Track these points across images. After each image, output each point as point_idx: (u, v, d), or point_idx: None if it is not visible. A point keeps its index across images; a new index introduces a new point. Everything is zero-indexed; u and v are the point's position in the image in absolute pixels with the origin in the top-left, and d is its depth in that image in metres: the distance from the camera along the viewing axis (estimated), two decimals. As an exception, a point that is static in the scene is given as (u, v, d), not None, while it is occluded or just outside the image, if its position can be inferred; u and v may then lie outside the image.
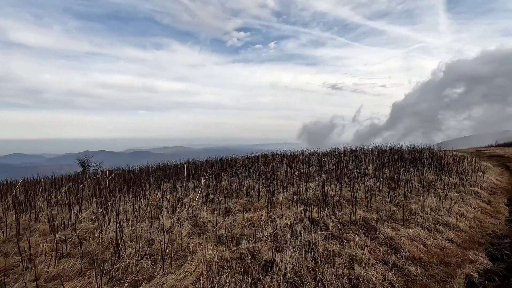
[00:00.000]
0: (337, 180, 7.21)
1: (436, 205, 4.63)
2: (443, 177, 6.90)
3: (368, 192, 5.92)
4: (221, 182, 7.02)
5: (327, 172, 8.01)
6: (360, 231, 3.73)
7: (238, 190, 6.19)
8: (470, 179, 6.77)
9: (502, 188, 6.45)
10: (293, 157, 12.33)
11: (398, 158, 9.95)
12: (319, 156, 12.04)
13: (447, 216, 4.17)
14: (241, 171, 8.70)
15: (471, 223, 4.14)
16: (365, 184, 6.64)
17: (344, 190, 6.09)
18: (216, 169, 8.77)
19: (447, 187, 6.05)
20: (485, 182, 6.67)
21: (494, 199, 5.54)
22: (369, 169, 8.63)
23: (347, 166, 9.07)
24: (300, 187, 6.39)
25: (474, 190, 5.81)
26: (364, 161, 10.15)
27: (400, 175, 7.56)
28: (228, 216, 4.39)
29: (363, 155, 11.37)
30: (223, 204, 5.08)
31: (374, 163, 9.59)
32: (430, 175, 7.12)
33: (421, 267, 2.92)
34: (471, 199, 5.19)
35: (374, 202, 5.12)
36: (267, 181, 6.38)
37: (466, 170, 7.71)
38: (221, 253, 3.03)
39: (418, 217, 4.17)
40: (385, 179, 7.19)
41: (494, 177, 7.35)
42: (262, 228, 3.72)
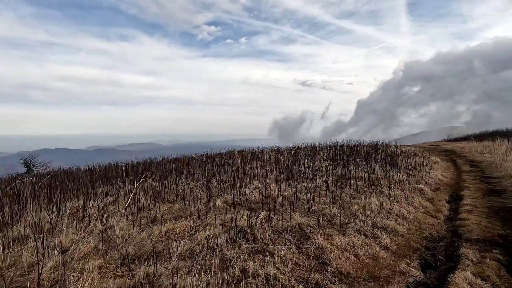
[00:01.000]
0: (287, 179, 6.85)
1: (378, 206, 4.39)
2: (392, 174, 6.82)
3: (315, 192, 5.61)
4: (166, 185, 6.33)
5: (280, 170, 7.63)
6: (292, 241, 3.32)
7: (181, 193, 5.57)
8: (417, 175, 6.76)
9: (446, 184, 6.49)
10: (253, 154, 11.90)
11: (354, 155, 9.90)
12: (278, 153, 11.73)
13: (386, 219, 3.91)
14: (194, 171, 8.06)
15: (410, 225, 3.92)
16: (314, 183, 6.35)
17: (291, 190, 5.73)
18: (166, 169, 8.04)
19: (393, 184, 5.93)
20: (430, 178, 6.69)
21: (437, 196, 5.49)
22: (324, 166, 8.42)
23: (303, 163, 8.79)
24: (247, 188, 5.93)
25: (419, 187, 5.73)
26: (322, 157, 9.98)
27: (351, 172, 7.40)
28: (151, 226, 3.78)
29: (321, 152, 11.23)
30: (153, 211, 4.45)
31: (330, 159, 9.44)
32: (380, 172, 7.03)
33: (347, 285, 2.55)
34: (414, 198, 5.05)
35: (318, 203, 4.79)
36: (207, 183, 5.81)
37: (414, 166, 7.76)
38: (109, 281, 2.43)
39: (357, 220, 3.87)
40: (336, 176, 6.97)
41: (440, 173, 7.45)
42: (178, 243, 3.16)
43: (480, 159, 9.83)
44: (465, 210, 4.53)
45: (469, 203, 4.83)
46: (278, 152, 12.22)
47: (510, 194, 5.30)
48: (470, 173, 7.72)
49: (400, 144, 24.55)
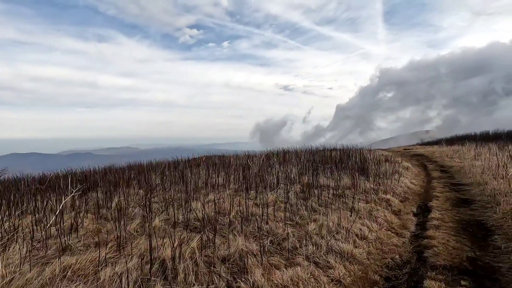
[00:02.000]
0: (249, 189, 6.20)
1: (337, 224, 3.82)
2: (360, 183, 6.35)
3: (274, 205, 5.00)
4: (111, 198, 5.48)
5: (244, 179, 6.97)
6: (224, 277, 2.65)
7: (114, 210, 4.76)
8: (386, 184, 6.33)
9: (415, 193, 6.09)
10: (224, 160, 11.21)
11: (325, 161, 9.44)
12: (248, 159, 11.10)
13: (344, 241, 3.34)
14: (150, 181, 7.26)
15: (371, 247, 3.37)
16: (276, 194, 5.74)
17: (247, 203, 5.08)
18: (116, 179, 7.15)
19: (360, 195, 5.43)
20: (400, 186, 6.27)
21: (405, 207, 5.04)
22: (292, 173, 7.86)
23: (271, 171, 8.19)
24: (198, 202, 5.23)
25: (386, 198, 5.26)
26: (292, 164, 9.44)
27: (319, 181, 6.88)
28: (55, 258, 2.98)
29: (294, 157, 10.71)
30: (70, 235, 3.64)
31: (300, 166, 8.92)
32: (348, 180, 6.54)
33: None
34: (380, 211, 4.55)
35: (273, 220, 4.16)
36: (145, 197, 5.03)
37: (384, 173, 7.37)
38: None
39: (310, 244, 3.27)
40: (302, 186, 6.41)
41: (410, 180, 7.09)
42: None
43: (450, 164, 9.68)
44: (433, 225, 4.07)
45: (437, 217, 4.39)
46: (249, 157, 11.60)
47: (479, 204, 4.93)
48: (440, 179, 7.42)
49: (375, 148, 24.70)
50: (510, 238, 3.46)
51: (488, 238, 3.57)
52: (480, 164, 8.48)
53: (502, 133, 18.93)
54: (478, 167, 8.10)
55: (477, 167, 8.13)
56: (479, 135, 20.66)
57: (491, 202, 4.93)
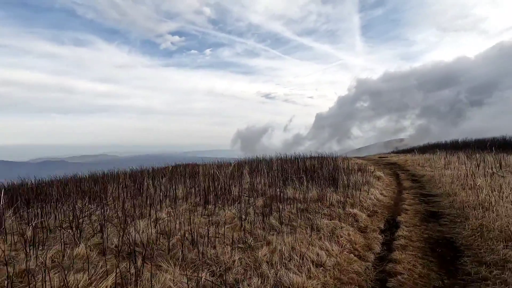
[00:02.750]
0: (206, 203, 5.61)
1: (293, 247, 3.32)
2: (328, 195, 5.94)
3: (231, 223, 4.45)
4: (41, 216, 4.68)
5: (206, 192, 6.36)
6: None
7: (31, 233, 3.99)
8: (355, 196, 5.95)
9: (384, 206, 5.75)
10: (194, 170, 10.54)
11: (297, 170, 9.03)
12: (218, 168, 10.50)
13: (295, 271, 2.83)
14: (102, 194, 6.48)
15: (327, 277, 2.88)
16: (237, 209, 5.20)
17: (201, 221, 4.50)
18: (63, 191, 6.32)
19: (326, 209, 5.00)
20: (369, 198, 5.92)
21: (372, 223, 4.64)
22: (260, 185, 7.36)
23: (238, 182, 7.65)
24: (149, 218, 4.58)
25: (353, 213, 4.85)
26: (263, 174, 8.95)
27: (287, 193, 6.41)
28: None
29: (265, 166, 10.24)
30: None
31: (271, 176, 8.44)
32: (316, 192, 6.12)
33: None
34: (344, 229, 4.11)
35: (222, 243, 3.60)
36: (73, 217, 4.28)
37: (355, 184, 7.02)
38: None
39: (255, 276, 2.73)
40: (267, 199, 5.90)
41: (380, 191, 6.78)
42: None
43: (421, 173, 9.57)
44: (400, 245, 3.66)
45: (405, 234, 4.00)
46: (220, 166, 11.00)
47: (448, 219, 4.63)
48: (410, 190, 7.18)
49: (352, 156, 24.82)
50: (480, 261, 3.10)
51: (457, 261, 3.20)
52: (450, 173, 8.39)
53: (470, 141, 19.54)
54: (448, 176, 7.98)
55: (447, 176, 8.01)
56: (449, 143, 21.26)
57: (460, 215, 4.65)
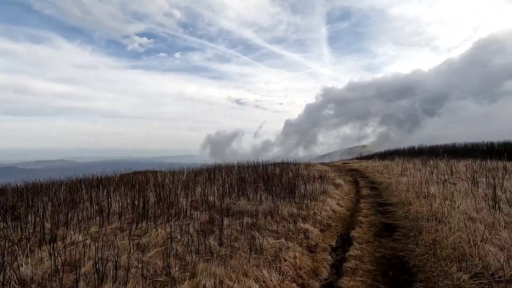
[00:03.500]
0: (140, 220, 4.81)
1: (221, 280, 2.70)
2: (282, 206, 5.44)
3: (162, 246, 3.72)
4: None
5: (146, 206, 5.52)
6: None
7: None
8: (310, 207, 5.52)
9: (339, 218, 5.37)
10: (146, 178, 9.54)
11: (256, 178, 8.49)
12: (172, 176, 9.62)
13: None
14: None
15: (258, 321, 2.30)
16: (176, 226, 4.48)
17: (132, 243, 3.72)
18: None
19: (275, 224, 4.46)
20: (324, 210, 5.51)
21: (323, 240, 4.18)
22: (212, 195, 6.67)
23: (189, 192, 6.90)
24: (61, 242, 3.70)
25: (305, 228, 4.36)
26: (221, 181, 8.27)
27: (240, 205, 5.81)
28: None
29: (224, 174, 9.57)
30: None
31: (228, 184, 7.79)
32: (269, 204, 5.58)
33: None
34: (290, 250, 3.58)
35: (139, 277, 2.87)
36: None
37: (312, 193, 6.62)
38: None
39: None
40: (213, 212, 5.25)
41: (337, 201, 6.44)
42: None
43: (380, 180, 9.53)
44: (349, 268, 3.21)
45: (356, 254, 3.57)
46: (175, 174, 10.11)
47: (402, 232, 4.32)
48: (368, 198, 6.95)
49: (318, 162, 24.99)
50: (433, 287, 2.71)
51: (409, 287, 2.79)
52: (406, 180, 8.38)
53: (425, 148, 20.59)
54: (404, 184, 7.93)
55: (403, 184, 7.96)
56: (407, 150, 22.26)
57: (414, 228, 4.36)
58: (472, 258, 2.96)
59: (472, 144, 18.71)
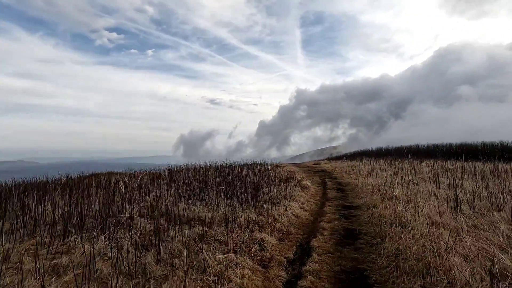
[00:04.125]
0: (66, 233, 4.04)
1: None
2: (240, 212, 4.92)
3: (85, 268, 3.03)
4: None
5: (80, 215, 4.72)
6: None
7: None
8: (271, 212, 5.06)
9: (301, 224, 4.96)
10: (96, 179, 8.56)
11: (219, 181, 7.90)
12: (128, 178, 8.75)
13: None
14: None
15: None
16: (114, 241, 3.77)
17: (45, 264, 2.97)
18: None
19: (228, 235, 3.92)
20: (286, 215, 5.07)
21: (280, 251, 3.72)
22: (165, 201, 5.98)
23: (139, 199, 6.16)
24: None
25: (261, 238, 3.87)
26: (180, 185, 7.58)
27: (195, 210, 5.20)
28: None
29: (186, 176, 8.86)
30: None
31: (188, 187, 7.12)
32: (225, 210, 5.03)
33: None
34: (239, 266, 3.06)
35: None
36: None
37: (276, 197, 6.18)
38: None
39: None
40: (161, 223, 4.59)
41: (301, 205, 6.05)
42: None
43: (347, 181, 9.37)
44: (304, 287, 2.75)
45: (314, 268, 3.13)
46: (132, 176, 9.23)
47: (365, 240, 3.98)
48: (334, 201, 6.65)
49: (290, 162, 24.83)
50: (396, 310, 2.33)
51: (369, 310, 2.39)
52: (372, 181, 8.25)
53: (391, 149, 21.23)
54: (370, 185, 7.78)
55: (368, 185, 7.80)
56: (374, 150, 22.83)
57: (377, 235, 4.04)
58: (437, 272, 2.63)
59: (433, 145, 19.54)
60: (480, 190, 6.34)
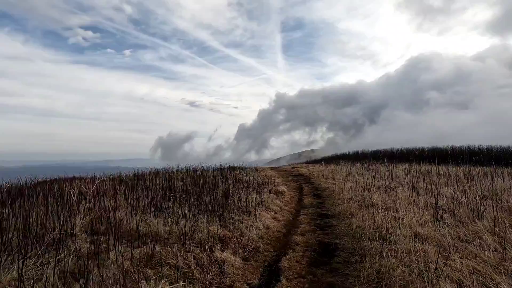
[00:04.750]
0: None
1: None
2: (202, 226, 4.24)
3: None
4: None
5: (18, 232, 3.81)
6: None
7: None
8: (238, 225, 4.42)
9: (272, 238, 4.36)
10: (59, 185, 7.49)
11: (188, 187, 7.16)
12: (88, 184, 7.76)
13: None
14: None
15: None
16: (20, 271, 2.96)
17: None
18: None
19: (185, 254, 3.24)
20: (256, 228, 4.45)
21: (243, 276, 3.09)
22: (122, 212, 5.16)
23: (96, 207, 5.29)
24: None
25: (222, 259, 3.22)
26: (145, 192, 6.74)
27: (153, 224, 4.45)
28: None
29: (153, 182, 8.02)
30: None
31: (151, 195, 6.31)
32: (186, 224, 4.34)
33: None
34: (187, 302, 2.40)
35: None
36: None
37: (247, 205, 5.55)
38: None
39: None
40: (114, 235, 3.81)
41: (275, 213, 5.47)
42: None
43: (324, 186, 8.95)
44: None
45: (281, 299, 2.54)
46: (88, 182, 8.23)
47: (342, 258, 3.45)
48: (309, 208, 6.14)
49: (268, 166, 24.33)
50: None
51: None
52: (349, 186, 7.86)
53: (368, 153, 21.39)
54: (347, 190, 7.38)
55: (346, 190, 7.40)
56: (351, 154, 22.94)
57: (356, 251, 3.54)
58: (428, 305, 2.12)
59: (407, 149, 19.88)
60: (457, 195, 6.12)
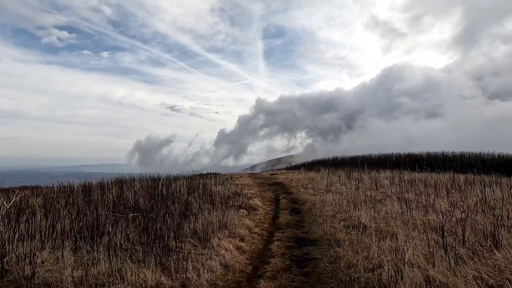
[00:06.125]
0: None
1: None
2: (136, 265, 2.88)
3: None
4: None
5: None
6: None
7: None
8: (182, 267, 3.09)
9: (229, 284, 3.06)
10: None
11: (140, 203, 5.72)
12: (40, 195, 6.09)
13: None
14: None
15: None
16: None
17: None
18: None
19: None
20: (208, 269, 3.13)
21: None
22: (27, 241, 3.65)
23: None
24: None
25: None
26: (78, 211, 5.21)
27: (62, 262, 3.01)
28: None
29: (101, 196, 6.47)
30: None
31: (94, 215, 4.81)
32: (113, 261, 2.96)
33: None
34: None
35: None
36: None
37: (206, 229, 4.21)
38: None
39: None
40: None
41: (239, 242, 4.15)
42: None
43: (303, 198, 7.78)
44: None
45: None
46: (48, 192, 6.51)
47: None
48: (285, 231, 4.91)
49: (248, 172, 22.95)
50: None
51: None
52: (331, 199, 6.74)
53: (347, 158, 20.71)
54: (329, 204, 6.25)
55: (328, 204, 6.26)
56: (331, 160, 22.18)
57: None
58: None
59: (384, 155, 19.39)
60: (453, 209, 5.17)
